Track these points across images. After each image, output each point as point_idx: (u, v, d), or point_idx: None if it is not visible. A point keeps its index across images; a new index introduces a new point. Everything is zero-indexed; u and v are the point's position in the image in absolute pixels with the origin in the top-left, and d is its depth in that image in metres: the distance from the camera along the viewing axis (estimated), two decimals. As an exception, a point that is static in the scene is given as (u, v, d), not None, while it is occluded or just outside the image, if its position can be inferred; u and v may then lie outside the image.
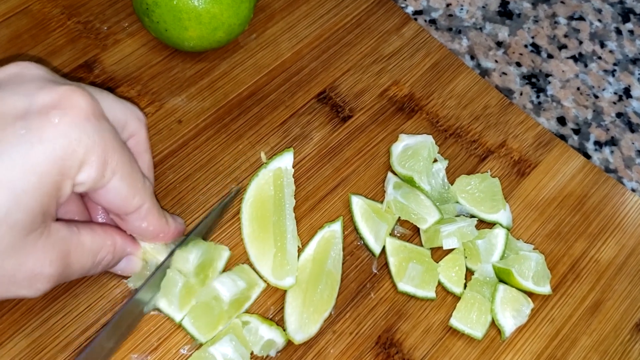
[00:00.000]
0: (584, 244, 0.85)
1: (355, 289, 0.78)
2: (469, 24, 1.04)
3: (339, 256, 0.78)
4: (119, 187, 0.61)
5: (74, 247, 0.62)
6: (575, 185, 0.89)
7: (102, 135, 0.58)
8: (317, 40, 0.94)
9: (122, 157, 0.61)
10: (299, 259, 0.77)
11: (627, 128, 0.98)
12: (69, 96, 0.57)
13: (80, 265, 0.63)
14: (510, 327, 0.78)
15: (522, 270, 0.79)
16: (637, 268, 0.85)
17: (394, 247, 0.79)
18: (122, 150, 0.61)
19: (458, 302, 0.78)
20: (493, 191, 0.84)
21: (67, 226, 0.61)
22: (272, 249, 0.76)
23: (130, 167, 0.62)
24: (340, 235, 0.79)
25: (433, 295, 0.79)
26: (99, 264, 0.66)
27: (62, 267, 0.60)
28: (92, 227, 0.65)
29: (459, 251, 0.80)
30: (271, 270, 0.76)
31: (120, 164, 0.60)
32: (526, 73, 1.01)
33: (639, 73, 1.04)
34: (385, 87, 0.93)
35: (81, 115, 0.57)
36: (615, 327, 0.81)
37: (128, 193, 0.63)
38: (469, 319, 0.77)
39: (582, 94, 1.00)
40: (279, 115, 0.88)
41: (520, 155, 0.90)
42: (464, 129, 0.90)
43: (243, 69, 0.90)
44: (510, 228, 0.84)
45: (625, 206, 0.89)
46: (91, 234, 0.64)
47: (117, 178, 0.61)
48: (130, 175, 0.62)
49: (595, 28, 1.07)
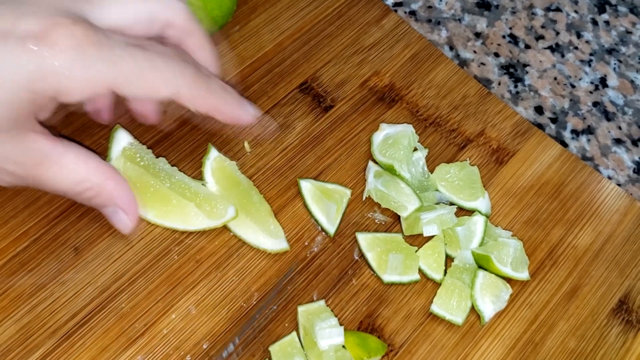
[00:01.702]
0: (561, 230, 0.86)
1: (337, 276, 0.79)
2: (448, 16, 1.05)
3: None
4: (137, 89, 0.63)
5: (48, 162, 0.62)
6: (553, 173, 0.90)
7: (102, 64, 0.59)
8: (299, 32, 0.95)
9: (130, 61, 0.61)
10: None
11: (604, 117, 0.99)
12: (55, 30, 0.57)
13: (53, 182, 0.64)
14: (489, 313, 0.79)
15: (500, 257, 0.80)
16: (614, 254, 0.86)
17: (368, 242, 0.80)
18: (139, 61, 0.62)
19: (438, 289, 0.79)
20: (472, 179, 0.85)
21: (50, 141, 0.62)
22: (189, 203, 0.76)
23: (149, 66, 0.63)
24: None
25: (417, 277, 0.79)
26: (79, 194, 0.66)
27: (26, 173, 0.62)
28: (87, 158, 0.65)
29: (438, 238, 0.81)
30: (208, 217, 0.77)
31: (127, 69, 0.61)
32: (504, 63, 1.02)
33: (615, 63, 1.05)
34: (366, 78, 0.93)
35: (69, 47, 0.57)
36: (592, 312, 0.82)
37: (148, 89, 0.64)
38: (449, 305, 0.78)
39: (559, 84, 1.01)
40: (262, 105, 0.88)
41: (499, 144, 0.91)
42: (444, 118, 0.91)
43: (226, 59, 0.91)
44: (489, 215, 0.85)
45: (601, 193, 0.90)
46: (76, 161, 0.64)
47: (129, 85, 0.62)
48: (140, 72, 0.62)
49: (571, 19, 1.08)
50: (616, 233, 0.88)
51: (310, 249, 0.80)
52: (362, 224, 0.82)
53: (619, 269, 0.86)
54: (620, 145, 0.98)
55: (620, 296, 0.84)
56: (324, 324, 0.72)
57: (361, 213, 0.83)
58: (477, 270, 0.80)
